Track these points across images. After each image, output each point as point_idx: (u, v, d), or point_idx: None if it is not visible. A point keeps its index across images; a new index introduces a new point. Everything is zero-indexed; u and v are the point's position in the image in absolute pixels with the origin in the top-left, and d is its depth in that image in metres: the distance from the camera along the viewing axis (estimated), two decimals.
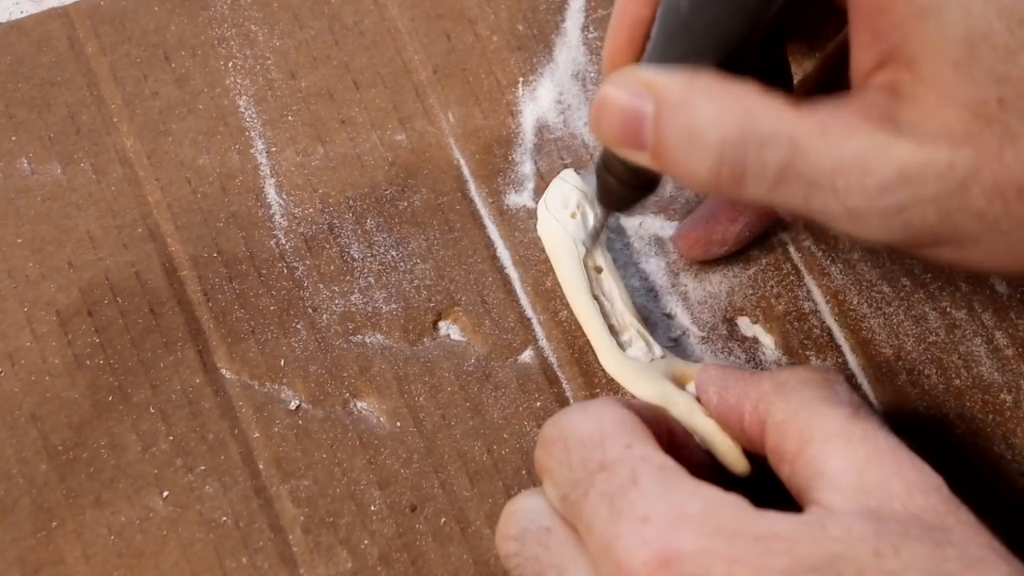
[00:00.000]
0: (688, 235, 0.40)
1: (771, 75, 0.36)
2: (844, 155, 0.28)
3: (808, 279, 0.41)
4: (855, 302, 0.40)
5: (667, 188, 0.42)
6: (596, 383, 0.39)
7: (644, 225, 0.42)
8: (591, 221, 0.40)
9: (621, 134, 0.31)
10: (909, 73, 0.29)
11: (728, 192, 0.30)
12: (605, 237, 0.40)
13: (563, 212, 0.40)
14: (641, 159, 0.31)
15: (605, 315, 0.39)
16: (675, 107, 0.30)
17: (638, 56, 0.33)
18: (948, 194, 0.28)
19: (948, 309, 0.40)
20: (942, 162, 0.28)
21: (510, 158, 0.42)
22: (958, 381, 0.39)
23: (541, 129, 0.43)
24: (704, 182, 0.30)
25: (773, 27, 0.35)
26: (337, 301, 0.40)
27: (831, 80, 0.36)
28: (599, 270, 0.40)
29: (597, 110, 0.32)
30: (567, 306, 0.40)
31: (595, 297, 0.39)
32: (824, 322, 0.40)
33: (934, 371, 0.40)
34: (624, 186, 0.34)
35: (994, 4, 0.28)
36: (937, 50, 0.28)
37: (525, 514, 0.32)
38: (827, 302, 0.41)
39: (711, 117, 0.29)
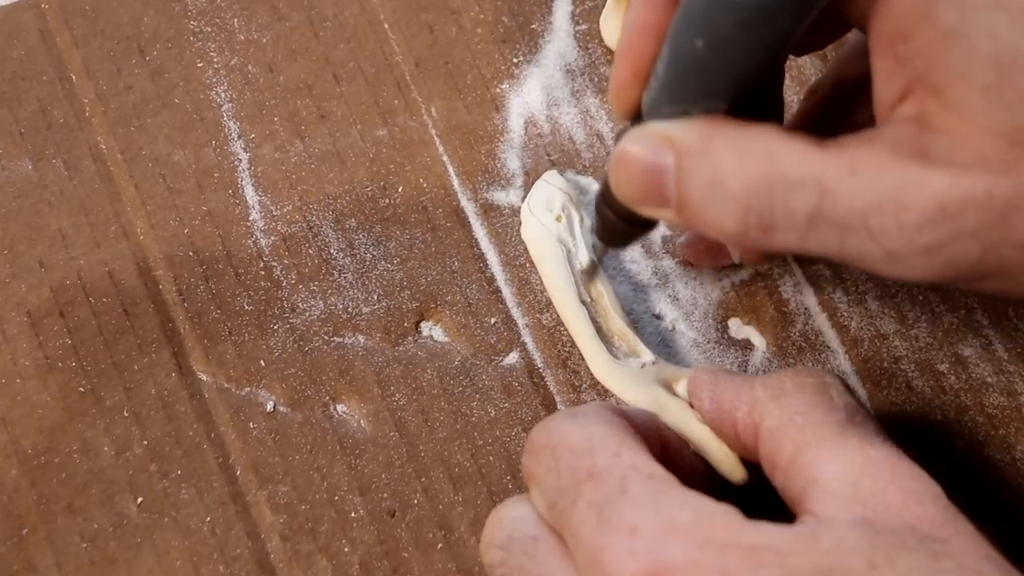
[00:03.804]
0: (697, 244, 0.39)
1: (764, 111, 0.34)
2: (877, 194, 0.27)
3: (800, 280, 0.40)
4: (847, 303, 0.40)
5: None
6: (583, 386, 0.38)
7: None
8: (576, 224, 0.39)
9: (643, 192, 0.30)
10: (937, 101, 0.27)
11: (758, 242, 0.29)
12: (600, 269, 0.39)
13: (547, 215, 0.39)
14: (666, 216, 0.30)
15: (594, 320, 0.38)
16: (696, 158, 0.29)
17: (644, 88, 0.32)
18: (990, 226, 0.27)
19: (942, 310, 0.40)
20: (981, 193, 0.27)
21: (496, 155, 0.41)
22: (954, 384, 0.39)
23: (528, 125, 0.42)
24: (732, 234, 0.29)
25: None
26: (316, 301, 0.39)
27: (822, 121, 0.35)
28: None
29: (617, 168, 0.31)
30: (553, 307, 0.39)
31: (583, 302, 0.38)
32: (816, 324, 0.40)
33: (929, 373, 0.39)
34: (625, 223, 0.33)
35: (1021, 26, 0.26)
36: (965, 76, 0.27)
37: (511, 522, 0.31)
38: (819, 303, 0.40)
39: (733, 165, 0.28)
